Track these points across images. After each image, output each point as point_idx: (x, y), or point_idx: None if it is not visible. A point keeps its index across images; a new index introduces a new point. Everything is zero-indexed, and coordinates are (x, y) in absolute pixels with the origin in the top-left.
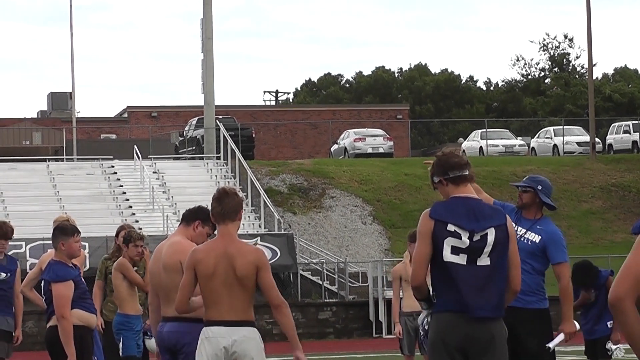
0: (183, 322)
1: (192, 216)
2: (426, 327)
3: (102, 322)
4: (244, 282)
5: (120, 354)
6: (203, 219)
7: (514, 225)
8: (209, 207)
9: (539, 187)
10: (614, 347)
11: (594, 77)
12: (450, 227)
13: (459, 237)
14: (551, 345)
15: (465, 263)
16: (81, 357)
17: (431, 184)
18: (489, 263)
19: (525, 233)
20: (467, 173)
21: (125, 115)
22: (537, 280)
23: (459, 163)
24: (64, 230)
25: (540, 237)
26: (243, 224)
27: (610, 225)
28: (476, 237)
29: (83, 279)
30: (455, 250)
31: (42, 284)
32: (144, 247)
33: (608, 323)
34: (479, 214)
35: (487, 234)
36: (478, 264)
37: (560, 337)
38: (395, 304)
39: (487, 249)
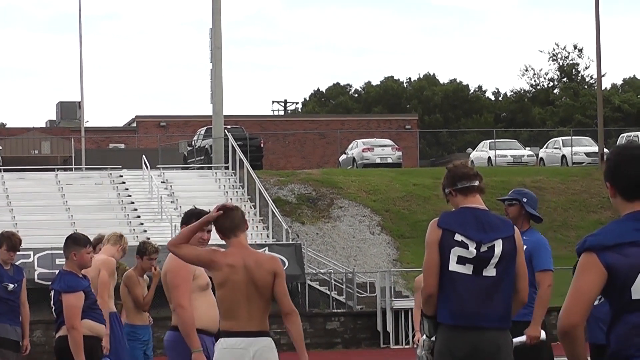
0: (170, 330)
1: (182, 222)
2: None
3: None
4: (262, 291)
5: None
6: (186, 222)
7: None
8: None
9: (524, 200)
10: None
11: (603, 88)
12: (458, 237)
13: (466, 247)
14: None
15: (470, 273)
16: None
17: (443, 196)
18: (494, 274)
19: None
20: (476, 184)
21: (134, 124)
22: (530, 293)
23: (468, 174)
24: (77, 240)
25: (526, 246)
26: (251, 234)
27: None
28: (483, 248)
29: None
30: (461, 260)
31: (52, 294)
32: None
33: None
34: (487, 224)
35: (494, 245)
36: (484, 274)
37: (522, 338)
38: (417, 314)
39: (494, 260)
